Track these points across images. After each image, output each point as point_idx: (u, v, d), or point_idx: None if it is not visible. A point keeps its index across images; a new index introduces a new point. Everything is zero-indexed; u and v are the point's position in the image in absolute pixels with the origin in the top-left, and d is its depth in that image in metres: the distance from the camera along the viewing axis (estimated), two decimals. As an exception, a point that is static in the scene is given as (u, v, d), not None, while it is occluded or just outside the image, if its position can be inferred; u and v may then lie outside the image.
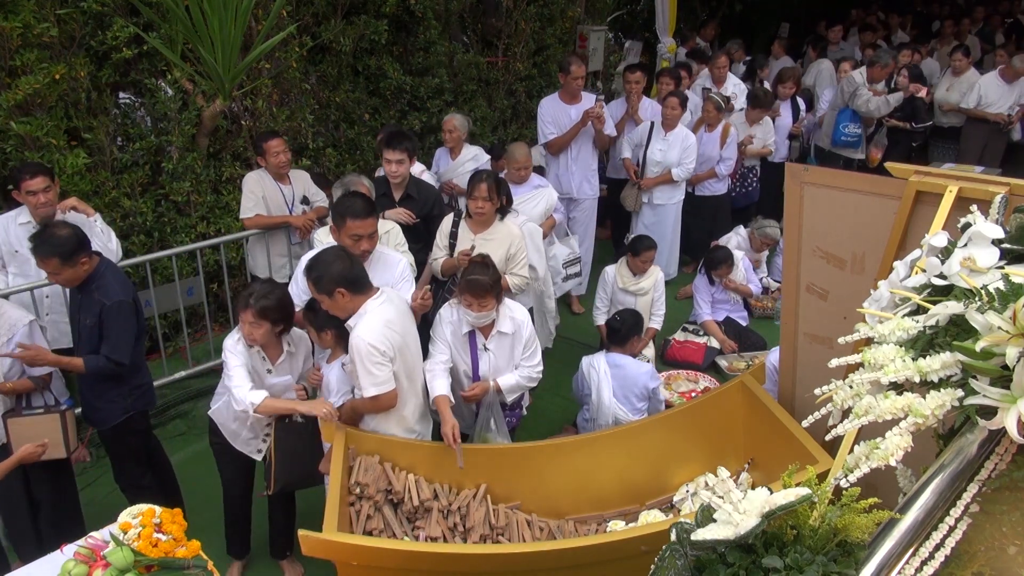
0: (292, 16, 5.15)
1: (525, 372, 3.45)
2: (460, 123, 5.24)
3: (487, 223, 3.89)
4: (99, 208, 4.13)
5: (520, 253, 3.90)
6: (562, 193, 5.64)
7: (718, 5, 10.88)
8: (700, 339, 5.40)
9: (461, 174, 5.12)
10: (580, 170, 5.73)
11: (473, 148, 5.34)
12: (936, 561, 1.24)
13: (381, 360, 2.90)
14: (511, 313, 3.41)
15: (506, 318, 3.39)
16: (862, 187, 2.47)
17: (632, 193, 6.01)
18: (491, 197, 3.80)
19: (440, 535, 2.99)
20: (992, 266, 1.27)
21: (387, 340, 2.91)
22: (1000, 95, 7.24)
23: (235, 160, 5.09)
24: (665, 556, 1.36)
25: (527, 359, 3.46)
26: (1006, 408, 1.11)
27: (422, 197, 4.37)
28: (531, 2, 6.81)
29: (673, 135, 5.85)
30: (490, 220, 3.89)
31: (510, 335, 3.40)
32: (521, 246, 3.90)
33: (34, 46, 4.16)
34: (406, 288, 3.45)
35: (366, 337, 2.85)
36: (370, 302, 2.94)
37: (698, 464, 3.39)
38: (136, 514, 2.38)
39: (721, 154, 6.17)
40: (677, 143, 5.84)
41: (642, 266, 4.88)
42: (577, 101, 5.58)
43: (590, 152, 5.74)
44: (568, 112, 5.58)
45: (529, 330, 3.44)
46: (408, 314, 3.18)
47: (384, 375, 2.93)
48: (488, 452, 3.36)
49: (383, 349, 2.89)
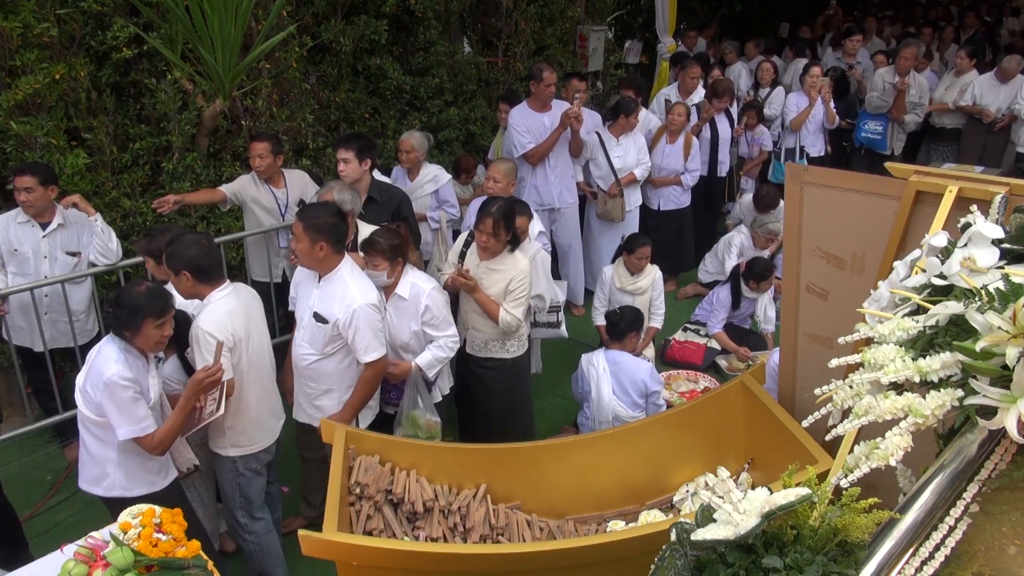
0: (292, 16, 5.15)
1: (440, 343, 3.52)
2: (418, 142, 4.86)
3: (494, 254, 3.72)
4: (99, 208, 4.13)
5: (520, 289, 3.69)
6: (543, 204, 5.52)
7: (718, 5, 10.88)
8: (700, 339, 5.40)
9: (419, 197, 4.88)
10: (559, 179, 5.55)
11: (432, 168, 5.01)
12: (936, 561, 1.24)
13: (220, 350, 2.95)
14: (414, 279, 3.49)
15: (407, 284, 3.47)
16: (862, 187, 2.47)
17: (617, 204, 5.80)
18: (496, 233, 3.57)
19: (440, 535, 2.99)
20: (992, 266, 1.27)
21: (227, 329, 2.95)
22: (995, 96, 7.28)
23: (235, 160, 5.09)
24: (665, 556, 1.35)
25: (438, 328, 3.51)
26: (1006, 408, 1.11)
27: (384, 199, 4.26)
28: (531, 2, 6.81)
29: (626, 140, 5.76)
30: (497, 251, 3.71)
31: (407, 300, 3.47)
32: (523, 283, 3.69)
33: (34, 46, 4.16)
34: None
35: (204, 326, 2.91)
36: (215, 292, 2.99)
37: (698, 464, 3.39)
38: (136, 514, 2.38)
39: (686, 166, 6.11)
40: (632, 146, 5.77)
41: (638, 264, 4.87)
42: (548, 109, 5.41)
43: (567, 160, 5.59)
44: (541, 120, 5.39)
45: (433, 300, 3.47)
46: (256, 308, 3.20)
47: (223, 365, 2.98)
48: (488, 452, 3.36)
49: (221, 339, 2.93)
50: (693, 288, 6.40)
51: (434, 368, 3.56)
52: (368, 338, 3.18)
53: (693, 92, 6.82)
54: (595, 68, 7.63)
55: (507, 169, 4.50)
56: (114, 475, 2.84)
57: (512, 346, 3.85)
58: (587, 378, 4.02)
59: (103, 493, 2.86)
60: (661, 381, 4.08)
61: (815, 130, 6.98)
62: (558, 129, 5.34)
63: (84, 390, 2.76)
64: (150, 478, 2.89)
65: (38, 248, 3.92)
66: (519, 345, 3.88)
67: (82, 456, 2.88)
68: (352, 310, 3.14)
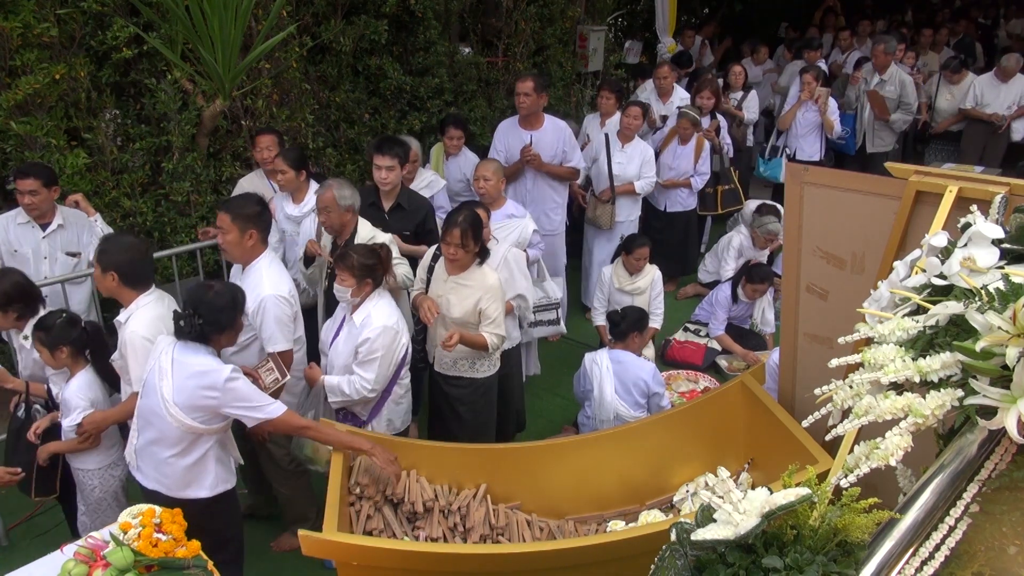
0: (292, 16, 5.15)
1: (355, 380, 3.22)
2: (415, 148, 4.71)
3: (462, 267, 3.50)
4: (99, 208, 4.14)
5: (491, 308, 3.46)
6: None
7: (718, 5, 10.88)
8: (700, 339, 5.40)
9: None
10: (536, 203, 5.06)
11: (427, 173, 4.85)
12: (936, 561, 1.24)
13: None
14: (372, 310, 3.25)
15: (366, 311, 3.25)
16: (862, 187, 2.47)
17: (607, 210, 5.59)
18: (464, 244, 3.37)
19: (440, 535, 2.99)
20: (992, 266, 1.27)
21: (161, 333, 2.94)
22: (996, 95, 7.28)
23: (235, 160, 5.09)
24: (665, 556, 1.36)
25: (361, 365, 3.21)
26: (1006, 408, 1.11)
27: (413, 208, 4.20)
28: (531, 2, 6.81)
29: (631, 147, 5.53)
30: (466, 264, 3.51)
31: (356, 328, 3.25)
32: (493, 299, 3.47)
33: (34, 46, 4.16)
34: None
35: (139, 331, 2.90)
36: (141, 298, 2.98)
37: (698, 464, 3.39)
38: (136, 514, 2.38)
39: (697, 168, 6.03)
40: (636, 156, 5.52)
41: (637, 264, 4.87)
42: (536, 127, 4.98)
43: (545, 185, 5.11)
44: (520, 138, 4.99)
45: (376, 336, 3.18)
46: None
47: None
48: (488, 452, 3.36)
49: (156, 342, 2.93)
50: (693, 288, 6.40)
51: (334, 395, 3.29)
52: (272, 328, 3.16)
53: (671, 94, 6.62)
54: (595, 68, 7.62)
55: (496, 167, 4.37)
56: (215, 471, 2.84)
57: (482, 366, 3.63)
58: (590, 377, 4.02)
59: (208, 493, 2.83)
60: (663, 383, 4.07)
61: (806, 133, 6.91)
62: (516, 163, 4.98)
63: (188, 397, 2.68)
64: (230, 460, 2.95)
65: (38, 249, 3.92)
66: (490, 365, 3.66)
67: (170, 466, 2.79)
68: (260, 299, 3.14)
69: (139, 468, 2.84)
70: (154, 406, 2.69)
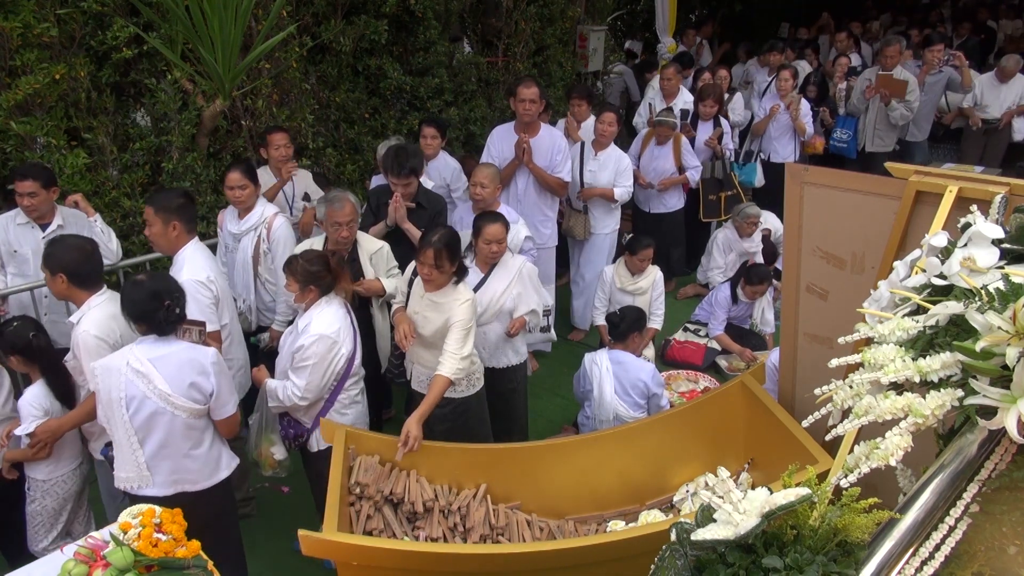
0: (292, 16, 5.15)
1: (288, 386, 3.16)
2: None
3: (438, 286, 3.37)
4: (99, 208, 4.13)
5: (456, 332, 3.26)
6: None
7: (718, 5, 10.88)
8: (700, 339, 5.40)
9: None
10: (526, 212, 4.86)
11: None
12: (936, 561, 1.24)
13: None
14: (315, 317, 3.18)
15: (308, 318, 3.19)
16: (862, 187, 2.47)
17: (580, 220, 5.40)
18: (439, 264, 3.24)
19: (440, 535, 2.99)
20: (992, 266, 1.26)
21: (114, 332, 2.99)
22: (996, 96, 7.29)
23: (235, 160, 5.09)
24: (665, 556, 1.35)
25: (295, 371, 3.15)
26: (1006, 408, 1.11)
27: (432, 207, 4.21)
28: (531, 2, 6.81)
29: (605, 155, 5.30)
30: (441, 283, 3.36)
31: (299, 332, 3.19)
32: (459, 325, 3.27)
33: (34, 46, 4.16)
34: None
35: (92, 330, 2.94)
36: (93, 298, 3.02)
37: (698, 464, 3.39)
38: (136, 514, 2.38)
39: (686, 162, 5.95)
40: (611, 163, 5.29)
41: (640, 265, 4.88)
42: (532, 133, 4.84)
43: (539, 192, 4.95)
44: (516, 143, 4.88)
45: (308, 342, 3.10)
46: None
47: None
48: (488, 452, 3.36)
49: (111, 342, 2.95)
50: (693, 288, 6.41)
51: (272, 399, 3.24)
52: (192, 312, 3.12)
53: (676, 95, 6.57)
54: (595, 68, 7.62)
55: (492, 173, 4.28)
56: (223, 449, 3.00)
57: (460, 385, 3.46)
58: (590, 377, 4.02)
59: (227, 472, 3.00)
60: (663, 384, 4.07)
61: (779, 135, 6.89)
62: (512, 162, 4.85)
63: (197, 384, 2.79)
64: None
65: (38, 249, 3.90)
66: (468, 385, 3.51)
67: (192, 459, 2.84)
68: (181, 283, 3.10)
69: (153, 481, 2.81)
70: (151, 411, 2.71)
